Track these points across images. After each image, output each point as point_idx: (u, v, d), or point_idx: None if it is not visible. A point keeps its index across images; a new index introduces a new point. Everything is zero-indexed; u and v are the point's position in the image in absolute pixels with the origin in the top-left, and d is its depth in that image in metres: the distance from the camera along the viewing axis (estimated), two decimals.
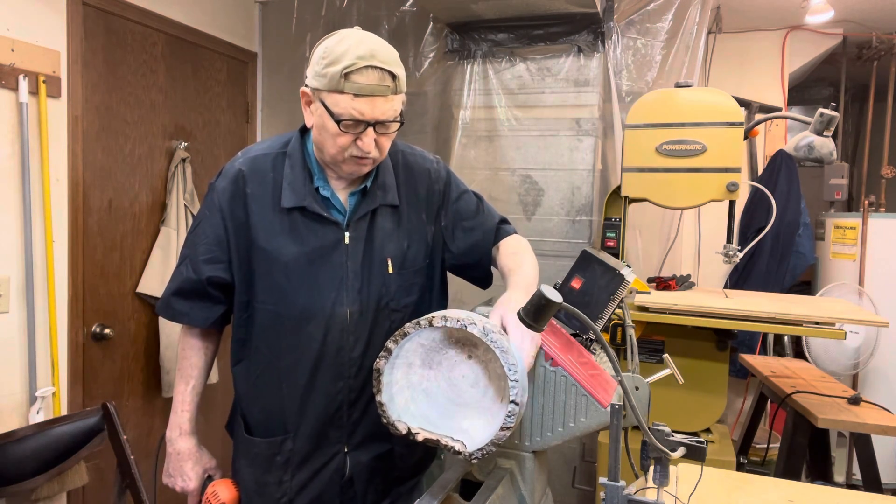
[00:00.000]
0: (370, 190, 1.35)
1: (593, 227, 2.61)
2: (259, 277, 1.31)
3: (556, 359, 1.07)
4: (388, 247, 1.35)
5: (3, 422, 2.06)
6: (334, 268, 1.30)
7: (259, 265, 1.31)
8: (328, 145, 1.23)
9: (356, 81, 1.16)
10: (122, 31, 2.48)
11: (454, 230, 1.46)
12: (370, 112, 1.18)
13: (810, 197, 3.64)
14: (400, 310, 1.37)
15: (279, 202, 1.30)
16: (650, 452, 0.96)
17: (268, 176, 1.32)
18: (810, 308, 2.10)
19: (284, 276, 1.29)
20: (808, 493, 1.31)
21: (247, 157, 1.35)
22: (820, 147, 2.38)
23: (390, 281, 1.35)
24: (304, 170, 1.32)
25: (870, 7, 3.35)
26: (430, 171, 1.46)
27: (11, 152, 2.08)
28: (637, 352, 1.32)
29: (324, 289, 1.30)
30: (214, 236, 1.32)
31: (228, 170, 1.34)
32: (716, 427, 2.38)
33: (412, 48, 2.95)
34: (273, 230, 1.30)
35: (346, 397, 1.33)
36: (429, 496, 1.02)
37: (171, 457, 1.40)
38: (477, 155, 2.74)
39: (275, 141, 1.39)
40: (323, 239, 1.30)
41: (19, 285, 2.11)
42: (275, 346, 1.33)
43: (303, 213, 1.30)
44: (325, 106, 1.19)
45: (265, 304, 1.32)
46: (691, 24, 2.61)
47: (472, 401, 1.08)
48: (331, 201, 1.32)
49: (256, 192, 1.31)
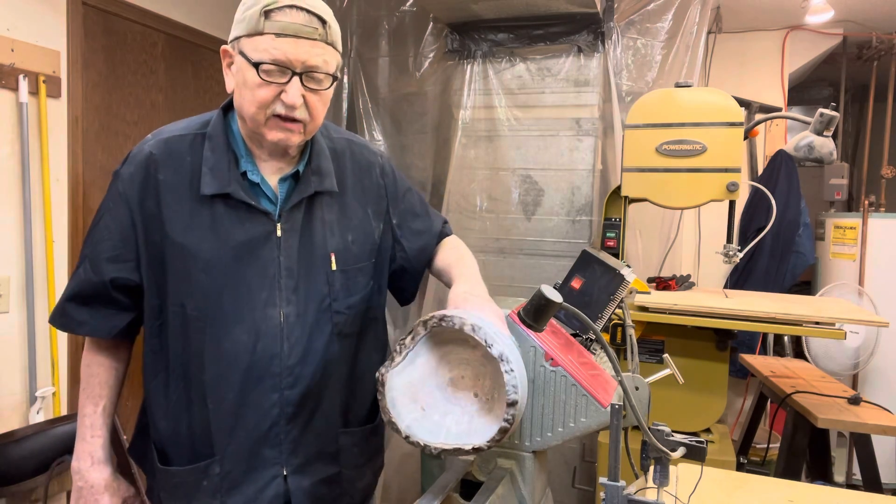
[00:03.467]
0: (303, 175, 1.19)
1: (593, 227, 2.61)
2: (174, 277, 1.13)
3: (556, 359, 1.07)
4: (330, 240, 1.21)
5: (3, 422, 2.06)
6: (264, 264, 1.14)
7: (174, 263, 1.13)
8: (247, 103, 1.08)
9: (278, 20, 1.04)
10: (122, 31, 2.48)
11: (404, 232, 1.34)
12: (294, 52, 1.04)
13: (810, 197, 3.64)
14: (343, 311, 1.21)
15: (198, 190, 1.12)
16: (650, 452, 0.96)
17: (184, 160, 1.14)
18: (810, 308, 2.10)
19: (205, 275, 1.12)
20: (808, 493, 1.31)
21: (158, 138, 1.16)
22: (820, 147, 2.38)
23: (334, 279, 1.20)
24: (227, 152, 1.15)
25: (870, 7, 3.35)
26: (375, 165, 1.33)
27: (11, 152, 2.08)
28: (637, 352, 1.32)
29: (253, 288, 1.13)
30: (119, 231, 1.14)
31: (136, 154, 1.16)
32: (716, 427, 2.38)
33: (412, 48, 2.95)
34: (191, 223, 1.13)
35: (282, 412, 1.16)
36: (429, 496, 1.02)
37: (81, 491, 1.21)
38: (477, 155, 2.74)
39: (192, 121, 1.21)
40: (250, 231, 1.14)
41: (19, 285, 2.11)
42: (197, 357, 1.14)
43: (226, 202, 1.13)
44: (244, 55, 1.06)
45: (183, 307, 1.13)
46: (691, 24, 2.61)
47: (472, 400, 1.08)
48: (260, 188, 1.16)
49: (170, 179, 1.13)
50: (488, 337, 0.95)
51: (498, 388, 1.04)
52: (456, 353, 1.06)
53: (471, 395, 1.07)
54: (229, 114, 1.20)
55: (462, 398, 1.07)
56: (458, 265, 1.29)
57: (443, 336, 1.02)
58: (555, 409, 1.07)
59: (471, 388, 1.07)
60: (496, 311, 1.05)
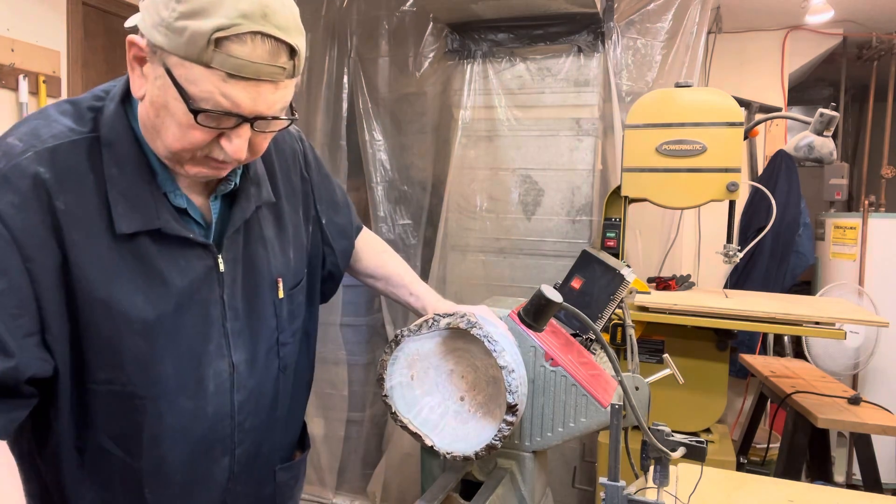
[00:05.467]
0: (242, 187, 0.94)
1: (593, 227, 2.61)
2: (95, 345, 0.84)
3: (557, 359, 1.07)
4: (275, 263, 0.99)
5: None
6: (208, 308, 0.90)
7: (94, 327, 0.83)
8: (169, 136, 0.80)
9: (234, 55, 0.73)
10: (122, 31, 2.48)
11: (331, 230, 1.14)
12: (250, 104, 0.77)
13: (810, 197, 3.64)
14: (289, 342, 1.03)
15: (111, 223, 0.82)
16: (650, 452, 0.96)
17: (86, 180, 0.82)
18: (810, 308, 2.10)
19: (142, 339, 0.85)
20: (808, 493, 1.31)
21: (40, 147, 0.81)
22: (820, 147, 2.38)
23: (281, 308, 1.00)
24: (140, 167, 0.85)
25: (870, 7, 3.35)
26: (298, 154, 1.10)
27: None
28: (637, 352, 1.32)
29: (197, 342, 0.89)
30: (13, 293, 0.77)
31: (8, 171, 0.78)
32: (716, 427, 2.38)
33: (412, 48, 2.95)
34: (111, 269, 0.83)
35: (230, 474, 0.98)
36: (429, 496, 1.02)
37: None
38: (477, 155, 2.74)
39: (74, 116, 0.85)
40: (189, 272, 0.88)
41: None
42: (127, 442, 0.88)
43: (153, 238, 0.85)
44: (174, 79, 0.76)
45: (109, 383, 0.85)
46: (691, 24, 2.61)
47: (456, 400, 1.09)
48: (187, 212, 0.89)
49: (73, 209, 0.81)
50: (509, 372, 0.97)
51: (487, 406, 1.05)
52: (470, 354, 1.07)
53: (458, 395, 1.07)
54: (127, 107, 0.87)
55: (449, 392, 1.08)
56: (415, 280, 1.19)
57: (468, 334, 1.03)
58: (555, 409, 1.07)
59: (461, 391, 1.08)
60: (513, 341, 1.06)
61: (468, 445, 1.02)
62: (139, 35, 0.79)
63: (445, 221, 2.82)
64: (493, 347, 0.97)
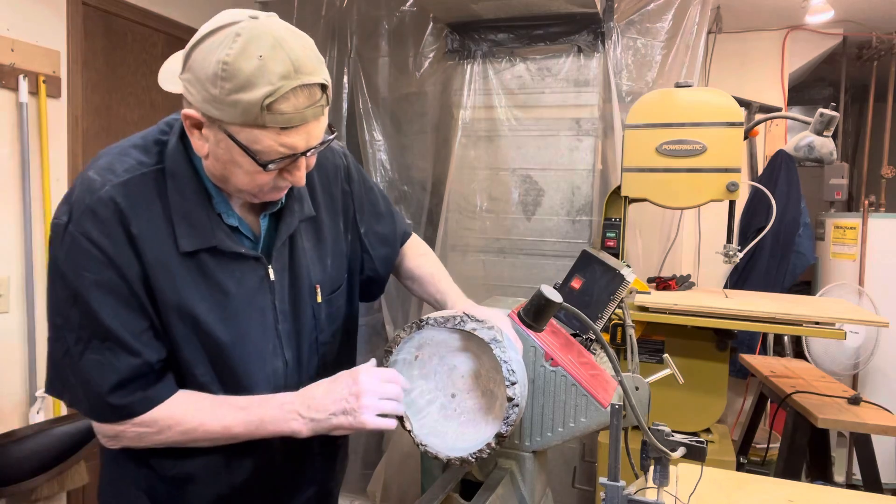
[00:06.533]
0: (287, 205, 1.07)
1: (593, 227, 2.61)
2: (178, 344, 1.00)
3: (556, 359, 1.07)
4: (313, 271, 1.12)
5: (3, 422, 2.06)
6: (263, 314, 1.05)
7: (175, 328, 0.98)
8: (240, 182, 0.94)
9: (283, 112, 0.86)
10: (122, 31, 2.48)
11: (370, 239, 1.26)
12: (304, 143, 0.91)
13: (810, 197, 3.64)
14: (328, 341, 1.17)
15: (176, 242, 0.96)
16: (650, 452, 0.96)
17: (154, 206, 0.96)
18: (810, 308, 2.10)
19: (210, 338, 1.00)
20: (808, 493, 1.31)
21: (115, 180, 0.95)
22: (820, 147, 2.38)
23: (319, 311, 1.13)
24: (198, 193, 0.98)
25: (870, 7, 3.35)
26: (340, 169, 1.22)
27: (11, 152, 2.08)
28: (637, 352, 1.32)
29: (257, 343, 1.04)
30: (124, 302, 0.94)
31: (94, 204, 0.93)
32: (716, 427, 2.38)
33: (412, 48, 2.95)
34: (181, 281, 0.97)
35: (283, 464, 1.13)
36: (429, 496, 1.02)
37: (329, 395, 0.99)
38: (477, 155, 2.74)
39: (142, 150, 1.00)
40: (243, 282, 1.02)
41: (19, 285, 2.11)
42: None
43: (212, 254, 0.99)
44: (237, 142, 0.88)
45: (193, 375, 1.02)
46: (691, 24, 2.61)
47: (447, 395, 1.09)
48: (239, 229, 1.03)
49: (146, 232, 0.95)
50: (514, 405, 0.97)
51: (474, 414, 1.05)
52: (479, 361, 1.07)
53: (451, 392, 1.08)
54: (187, 141, 0.99)
55: (444, 385, 1.08)
56: (444, 278, 1.27)
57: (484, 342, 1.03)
58: (555, 409, 1.07)
59: (456, 389, 1.08)
60: None
61: (443, 445, 1.02)
62: (189, 106, 0.91)
63: (445, 221, 2.82)
64: (508, 377, 0.97)
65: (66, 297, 0.94)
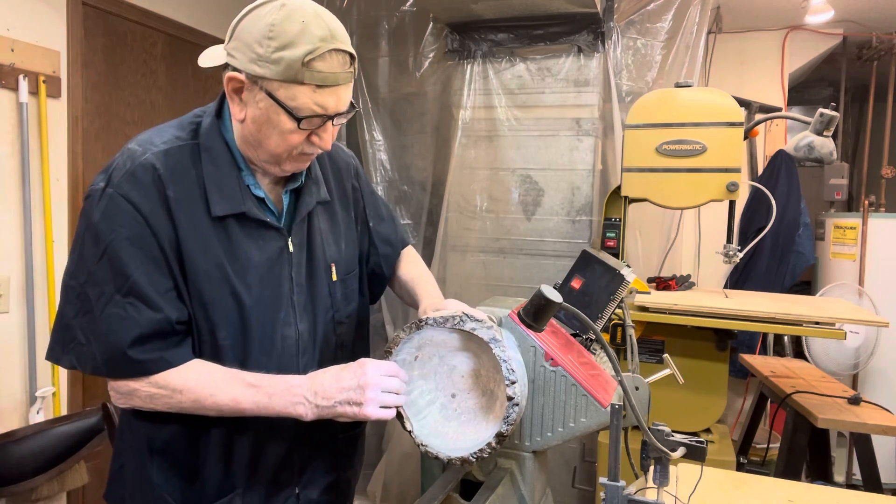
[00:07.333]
0: (306, 185, 1.16)
1: (593, 227, 2.61)
2: (202, 305, 1.05)
3: (556, 359, 1.07)
4: (329, 250, 1.19)
5: (3, 422, 2.06)
6: (280, 282, 1.11)
7: (200, 290, 1.04)
8: (272, 143, 1.03)
9: (320, 70, 0.97)
10: (122, 31, 2.48)
11: (375, 236, 1.34)
12: (334, 105, 1.01)
13: (810, 197, 3.64)
14: (344, 321, 1.22)
15: (207, 208, 1.04)
16: (650, 452, 0.96)
17: (189, 174, 1.05)
18: (810, 308, 2.10)
19: (233, 301, 1.06)
20: (808, 493, 1.31)
21: (155, 150, 1.04)
22: (820, 147, 2.38)
23: (335, 289, 1.20)
24: (230, 165, 1.07)
25: (870, 7, 3.35)
26: (350, 166, 1.31)
27: (11, 152, 2.08)
28: (637, 352, 1.32)
29: (271, 309, 1.10)
30: (153, 260, 1.01)
31: (134, 168, 1.01)
32: (716, 427, 2.38)
33: (412, 48, 2.95)
34: (210, 245, 1.04)
35: (297, 432, 1.14)
36: (429, 496, 1.02)
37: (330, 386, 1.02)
38: (477, 155, 2.74)
39: (178, 128, 1.10)
40: (265, 250, 1.09)
41: (19, 285, 2.11)
42: None
43: (239, 221, 1.07)
44: (277, 100, 0.98)
45: (213, 336, 1.06)
46: (691, 24, 2.61)
47: (447, 395, 1.09)
48: (265, 202, 1.11)
49: (181, 196, 1.03)
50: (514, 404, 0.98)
51: (474, 413, 1.06)
52: (478, 361, 1.07)
53: (451, 392, 1.08)
54: (220, 121, 1.10)
55: (444, 385, 1.08)
56: (426, 280, 1.31)
57: (484, 342, 1.03)
58: (555, 409, 1.07)
59: (456, 389, 1.08)
60: None
61: (443, 445, 1.02)
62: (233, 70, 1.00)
63: (445, 221, 2.82)
64: (508, 376, 0.98)
65: (94, 254, 0.99)
